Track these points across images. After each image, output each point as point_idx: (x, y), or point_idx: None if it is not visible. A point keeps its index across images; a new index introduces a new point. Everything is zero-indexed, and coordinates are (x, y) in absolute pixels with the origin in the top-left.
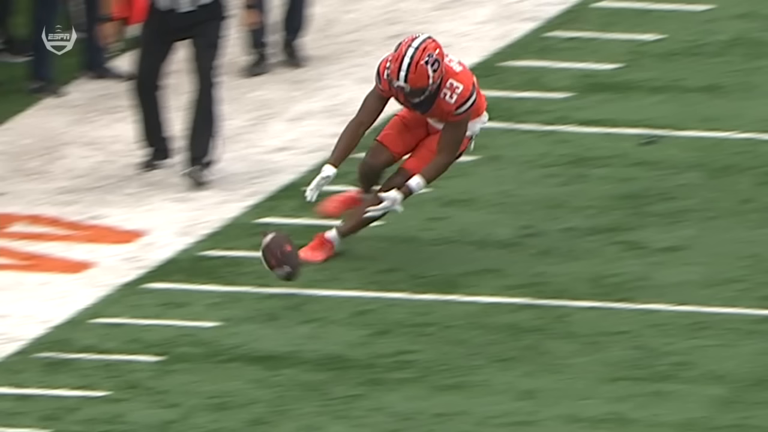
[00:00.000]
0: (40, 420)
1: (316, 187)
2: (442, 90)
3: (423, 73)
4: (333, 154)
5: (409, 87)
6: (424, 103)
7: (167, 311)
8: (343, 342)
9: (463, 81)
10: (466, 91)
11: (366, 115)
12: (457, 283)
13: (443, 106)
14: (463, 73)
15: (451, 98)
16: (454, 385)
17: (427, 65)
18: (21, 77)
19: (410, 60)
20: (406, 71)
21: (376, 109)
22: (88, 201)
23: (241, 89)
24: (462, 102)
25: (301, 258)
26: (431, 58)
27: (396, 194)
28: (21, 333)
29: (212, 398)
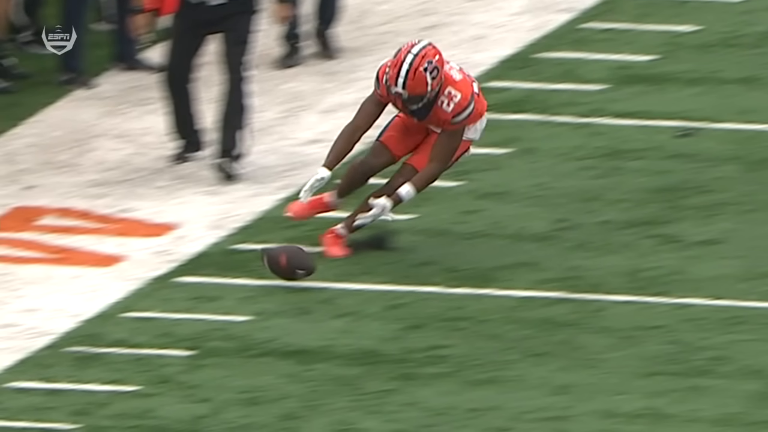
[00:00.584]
0: (71, 415)
1: (310, 189)
2: (440, 98)
3: (421, 80)
4: (328, 157)
5: (408, 93)
6: (421, 111)
7: (198, 305)
8: (376, 336)
9: (461, 90)
10: (464, 100)
11: (363, 120)
12: (491, 277)
13: (440, 114)
14: (463, 81)
15: (448, 107)
16: (488, 380)
17: (426, 72)
18: (51, 69)
19: (409, 66)
20: (405, 77)
21: (373, 114)
22: (119, 194)
23: (273, 81)
24: (459, 111)
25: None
26: (430, 65)
27: (386, 201)
28: (51, 327)
29: (243, 393)
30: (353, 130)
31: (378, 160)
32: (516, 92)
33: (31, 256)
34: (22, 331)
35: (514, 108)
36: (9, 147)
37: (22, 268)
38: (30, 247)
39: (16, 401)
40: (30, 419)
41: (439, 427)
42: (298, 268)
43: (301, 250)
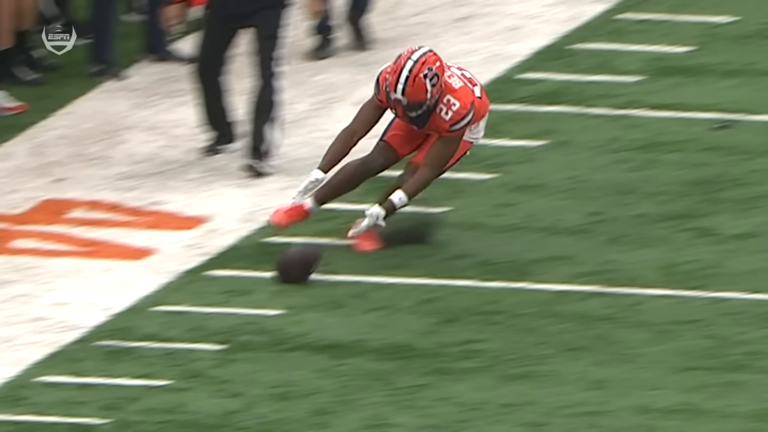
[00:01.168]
0: (101, 409)
1: (304, 191)
2: (439, 105)
3: (421, 87)
4: (323, 160)
5: (407, 100)
6: (420, 118)
7: (230, 299)
8: (410, 330)
9: (460, 98)
10: (463, 109)
11: (361, 124)
12: (525, 271)
13: (438, 122)
14: (462, 89)
15: (446, 114)
16: (523, 375)
17: (425, 79)
18: (81, 60)
19: (408, 73)
20: (404, 84)
21: (372, 119)
22: (149, 186)
23: (305, 73)
24: (457, 120)
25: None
26: (430, 72)
27: (378, 210)
28: (81, 321)
29: (276, 388)
30: (350, 134)
31: (382, 160)
32: (551, 84)
33: (61, 249)
34: (52, 324)
35: (548, 100)
36: (39, 139)
37: (52, 261)
38: (60, 240)
39: (45, 396)
40: (60, 414)
41: (473, 422)
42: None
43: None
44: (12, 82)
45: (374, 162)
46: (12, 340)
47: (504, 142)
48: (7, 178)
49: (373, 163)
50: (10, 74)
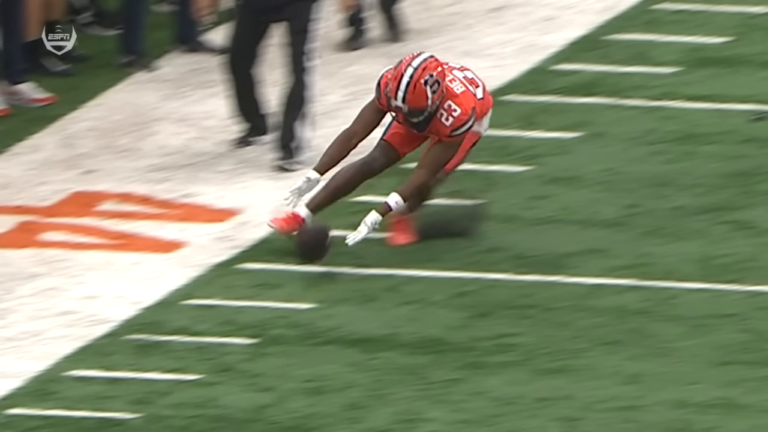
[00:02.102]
0: (131, 404)
1: (297, 191)
2: (440, 110)
3: (422, 94)
4: (320, 161)
5: (408, 107)
6: (421, 123)
7: (261, 292)
8: (443, 324)
9: (462, 104)
10: (464, 115)
11: (361, 127)
12: (560, 264)
13: (439, 127)
14: (464, 94)
15: (447, 120)
16: (557, 369)
17: (426, 86)
18: (111, 51)
19: (409, 80)
20: (405, 91)
21: (372, 122)
22: (180, 179)
23: (337, 64)
24: (458, 126)
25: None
26: (431, 78)
27: (375, 216)
28: (111, 314)
29: (308, 382)
30: (350, 136)
31: (383, 159)
32: (586, 75)
33: (91, 242)
34: (82, 318)
35: (583, 91)
36: (68, 131)
37: (81, 254)
38: (90, 232)
39: (75, 390)
40: (90, 408)
41: (507, 417)
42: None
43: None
44: (41, 73)
45: (376, 161)
46: (41, 333)
47: (538, 134)
48: (36, 170)
49: (374, 163)
50: (39, 65)
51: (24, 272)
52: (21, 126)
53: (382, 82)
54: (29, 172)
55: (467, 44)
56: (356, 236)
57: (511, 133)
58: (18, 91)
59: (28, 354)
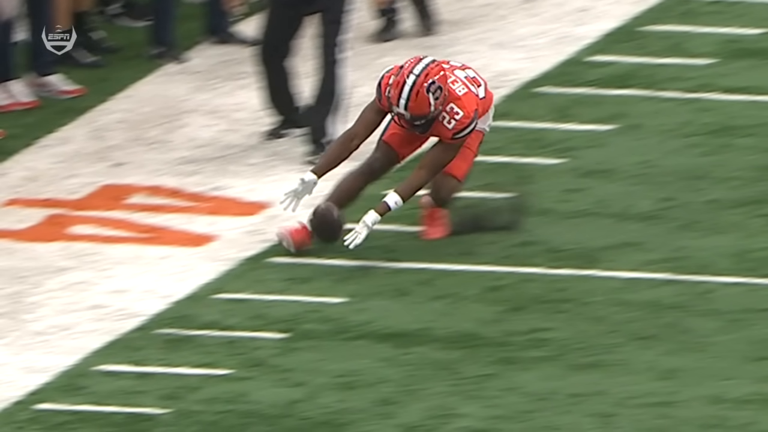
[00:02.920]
0: (161, 399)
1: (293, 194)
2: (442, 113)
3: (424, 101)
4: (319, 163)
5: (410, 114)
6: (423, 126)
7: (292, 286)
8: (476, 319)
9: (464, 107)
10: (466, 118)
11: (362, 128)
12: (595, 258)
13: (441, 130)
14: (466, 96)
15: (449, 123)
16: (592, 364)
17: (428, 93)
18: (141, 42)
19: (411, 87)
20: (407, 99)
21: (373, 123)
22: (210, 171)
23: (369, 55)
24: (460, 129)
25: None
26: (433, 85)
27: (374, 215)
28: (141, 308)
29: (339, 377)
30: (350, 138)
31: (384, 159)
32: (621, 67)
33: (120, 236)
34: (111, 312)
35: (618, 83)
36: (98, 123)
37: (110, 247)
38: (119, 226)
39: (104, 385)
40: (119, 403)
41: (540, 412)
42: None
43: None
44: (70, 65)
45: (376, 162)
46: (70, 328)
47: (573, 126)
48: (65, 162)
49: (375, 163)
50: (68, 57)
51: (53, 266)
52: (50, 118)
53: (382, 83)
54: (58, 165)
55: (500, 35)
56: (356, 238)
57: (545, 125)
58: (47, 82)
59: (57, 348)
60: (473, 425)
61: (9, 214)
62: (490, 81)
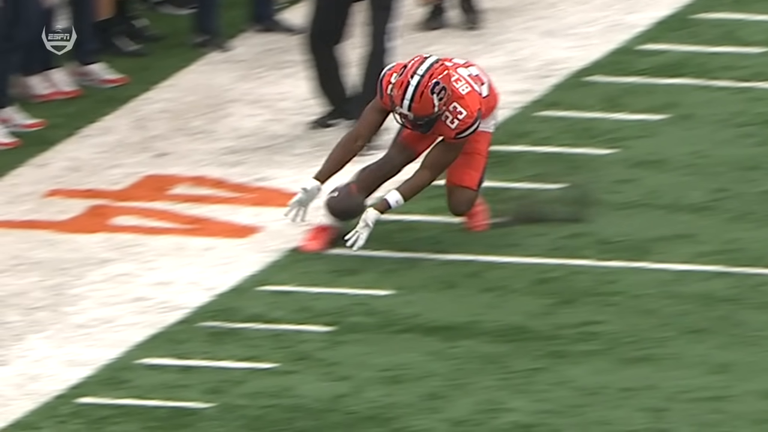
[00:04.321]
0: (205, 393)
1: (298, 202)
2: (445, 113)
3: (428, 102)
4: (321, 168)
5: (413, 115)
6: (425, 125)
7: (338, 278)
8: (525, 312)
9: (467, 106)
10: (469, 118)
11: (365, 129)
12: (646, 250)
13: (444, 130)
14: (470, 95)
15: (452, 123)
16: (643, 358)
17: (432, 94)
18: (184, 30)
19: (414, 89)
20: (410, 100)
21: (376, 123)
22: (255, 162)
23: (416, 44)
24: (463, 129)
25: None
26: (437, 86)
27: (374, 213)
28: (184, 301)
29: (386, 371)
30: (353, 139)
31: (399, 159)
32: (673, 55)
33: (163, 227)
34: (154, 305)
35: (670, 72)
36: (140, 112)
37: (153, 239)
38: (162, 217)
39: (147, 378)
40: (162, 397)
41: (591, 407)
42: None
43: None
44: (112, 54)
45: (391, 161)
46: (113, 321)
47: (623, 116)
48: (107, 152)
49: (390, 163)
50: (110, 45)
51: (95, 257)
52: (92, 108)
53: (384, 81)
54: (100, 155)
55: (550, 23)
56: (358, 238)
57: (595, 115)
58: (89, 71)
59: (100, 341)
60: (522, 420)
61: (51, 205)
62: (539, 70)
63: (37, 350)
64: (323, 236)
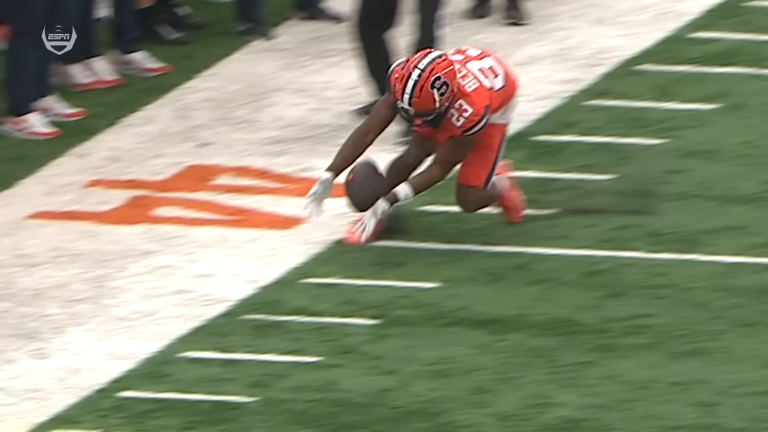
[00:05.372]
0: (248, 387)
1: (315, 196)
2: (450, 110)
3: (428, 98)
4: (334, 161)
5: (414, 110)
6: (433, 121)
7: (384, 271)
8: (573, 305)
9: (473, 103)
10: (475, 115)
11: (375, 122)
12: (697, 241)
13: (450, 127)
14: (476, 92)
15: (458, 121)
16: (694, 352)
17: (432, 89)
18: (227, 18)
19: (414, 84)
20: (410, 95)
21: (387, 117)
22: (299, 152)
23: (463, 32)
24: (469, 127)
25: None
26: (439, 81)
27: (382, 205)
28: (227, 294)
29: (432, 365)
30: (364, 133)
31: (418, 152)
32: (724, 43)
33: (206, 218)
34: (197, 297)
35: (722, 60)
36: (183, 101)
37: (196, 230)
38: (204, 208)
39: (190, 372)
40: (204, 391)
41: (641, 401)
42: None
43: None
44: (154, 42)
45: (410, 156)
46: (154, 313)
47: (674, 106)
48: (149, 142)
49: (409, 157)
50: (152, 33)
51: (136, 249)
52: (133, 97)
53: (392, 76)
54: (142, 145)
55: (599, 11)
56: (364, 228)
57: (645, 104)
58: (130, 60)
59: (141, 335)
60: (570, 414)
61: (91, 196)
62: (588, 58)
63: (78, 343)
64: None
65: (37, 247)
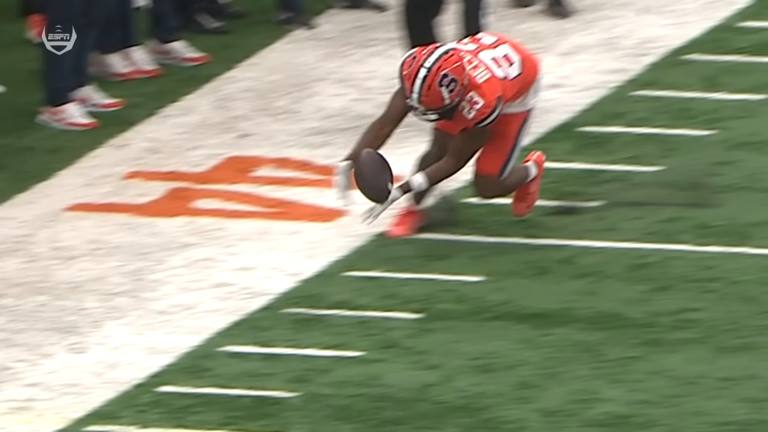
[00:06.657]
0: (289, 382)
1: (340, 186)
2: (462, 103)
3: (436, 95)
4: (352, 150)
5: (424, 108)
6: (446, 114)
7: (427, 264)
8: (620, 298)
9: (485, 95)
10: (486, 107)
11: (393, 113)
12: (745, 234)
13: (462, 120)
14: (488, 83)
15: (469, 113)
16: (743, 347)
17: (440, 87)
18: (268, 7)
19: (422, 82)
20: (419, 93)
21: (403, 109)
22: (341, 143)
23: (508, 21)
24: (481, 119)
25: None
26: (446, 78)
27: (395, 192)
28: (268, 287)
29: (476, 359)
30: (382, 124)
31: (436, 148)
32: None
33: (246, 210)
34: (237, 291)
35: None
36: (223, 92)
37: (236, 222)
38: (245, 200)
39: (230, 367)
40: (245, 386)
41: (688, 397)
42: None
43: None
44: (194, 31)
45: (430, 153)
46: (194, 307)
47: (722, 96)
48: (188, 133)
49: (429, 155)
50: (192, 22)
51: (176, 242)
52: (173, 87)
53: (402, 71)
54: (181, 136)
55: (646, 0)
56: (373, 213)
57: (693, 95)
58: (170, 50)
59: (181, 328)
60: (617, 410)
61: (130, 188)
62: (635, 48)
63: (116, 337)
64: (410, 221)
65: (74, 239)
